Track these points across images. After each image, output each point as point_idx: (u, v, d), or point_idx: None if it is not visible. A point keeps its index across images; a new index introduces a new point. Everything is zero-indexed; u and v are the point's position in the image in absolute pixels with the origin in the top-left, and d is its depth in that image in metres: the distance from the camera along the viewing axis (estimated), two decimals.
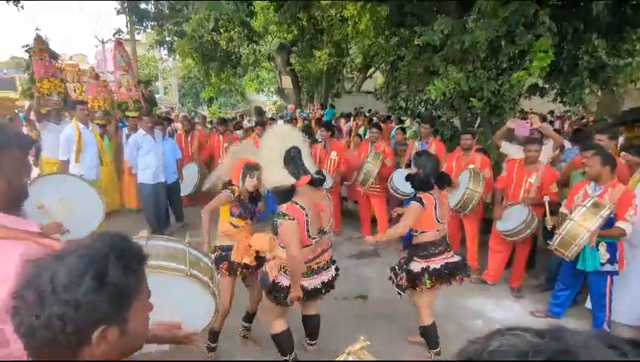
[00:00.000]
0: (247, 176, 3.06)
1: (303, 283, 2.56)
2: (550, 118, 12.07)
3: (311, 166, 2.54)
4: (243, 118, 12.73)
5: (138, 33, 14.08)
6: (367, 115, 13.05)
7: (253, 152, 3.25)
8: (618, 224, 3.27)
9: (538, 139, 4.38)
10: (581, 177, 3.80)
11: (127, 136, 6.53)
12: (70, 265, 0.82)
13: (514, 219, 4.00)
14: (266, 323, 2.86)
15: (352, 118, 11.92)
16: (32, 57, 7.71)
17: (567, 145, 5.30)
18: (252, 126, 8.67)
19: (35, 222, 1.78)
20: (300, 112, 13.56)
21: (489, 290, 4.40)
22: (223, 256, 2.99)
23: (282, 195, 2.44)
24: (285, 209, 2.41)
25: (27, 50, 9.49)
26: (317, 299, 2.71)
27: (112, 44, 12.15)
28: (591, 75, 5.36)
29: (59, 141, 5.15)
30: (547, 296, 4.05)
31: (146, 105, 8.60)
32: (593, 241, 3.26)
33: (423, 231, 2.96)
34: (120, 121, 7.79)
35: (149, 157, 5.51)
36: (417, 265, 2.96)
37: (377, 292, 4.27)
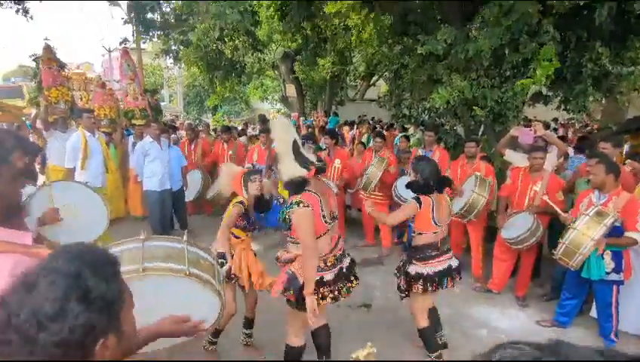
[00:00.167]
0: (249, 182, 3.09)
1: (325, 275, 2.49)
2: (554, 125, 12.06)
3: (311, 156, 2.55)
4: (247, 126, 12.82)
5: (144, 42, 14.30)
6: (371, 122, 13.09)
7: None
8: (629, 234, 3.24)
9: (542, 146, 4.37)
10: (586, 185, 3.78)
11: (133, 144, 6.58)
12: (47, 294, 0.79)
13: (519, 227, 3.97)
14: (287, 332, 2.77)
15: (356, 126, 11.95)
16: (40, 66, 7.83)
17: (571, 152, 5.29)
18: (256, 134, 8.72)
19: (30, 233, 1.79)
20: (304, 120, 13.60)
21: (494, 299, 4.37)
22: (221, 262, 3.00)
23: (296, 186, 2.41)
24: (300, 197, 2.39)
25: (35, 60, 9.66)
26: (337, 295, 2.55)
27: (118, 53, 12.32)
28: (594, 82, 5.36)
29: (65, 149, 5.19)
30: (553, 305, 4.01)
31: (152, 113, 8.68)
32: (601, 248, 3.23)
33: (420, 232, 3.02)
34: (126, 129, 7.87)
35: (156, 165, 5.55)
36: (415, 268, 3.02)
37: (381, 300, 4.25)
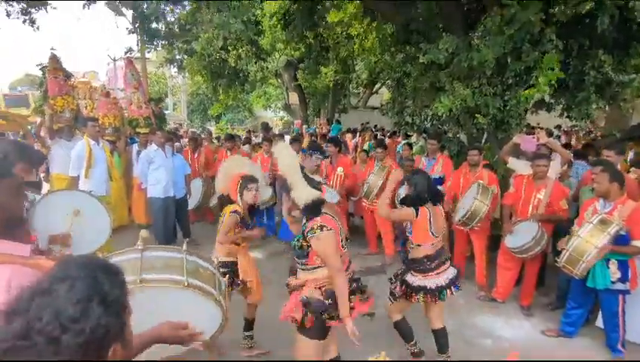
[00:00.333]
0: (245, 190, 3.07)
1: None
2: (557, 132, 12.03)
3: (317, 176, 2.56)
4: (251, 134, 12.88)
5: (148, 51, 14.46)
6: (374, 130, 13.12)
7: (247, 167, 3.28)
8: (635, 243, 3.21)
9: (546, 154, 4.35)
10: (590, 194, 3.76)
11: (138, 152, 6.61)
12: (69, 297, 0.81)
13: (523, 236, 3.95)
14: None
15: (359, 134, 11.98)
16: (46, 75, 7.91)
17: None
18: (259, 142, 8.75)
19: (28, 245, 1.79)
20: (307, 128, 13.65)
21: (498, 308, 4.33)
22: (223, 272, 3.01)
23: (313, 209, 2.33)
24: (320, 221, 2.30)
25: (41, 69, 9.78)
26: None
27: (122, 62, 12.45)
28: (597, 90, 5.36)
29: (69, 157, 5.23)
30: (558, 315, 3.96)
31: (156, 121, 8.74)
32: (601, 255, 3.20)
33: (418, 244, 3.00)
34: (130, 138, 7.92)
35: (160, 173, 5.60)
36: (414, 279, 3.03)
37: (385, 309, 4.20)
